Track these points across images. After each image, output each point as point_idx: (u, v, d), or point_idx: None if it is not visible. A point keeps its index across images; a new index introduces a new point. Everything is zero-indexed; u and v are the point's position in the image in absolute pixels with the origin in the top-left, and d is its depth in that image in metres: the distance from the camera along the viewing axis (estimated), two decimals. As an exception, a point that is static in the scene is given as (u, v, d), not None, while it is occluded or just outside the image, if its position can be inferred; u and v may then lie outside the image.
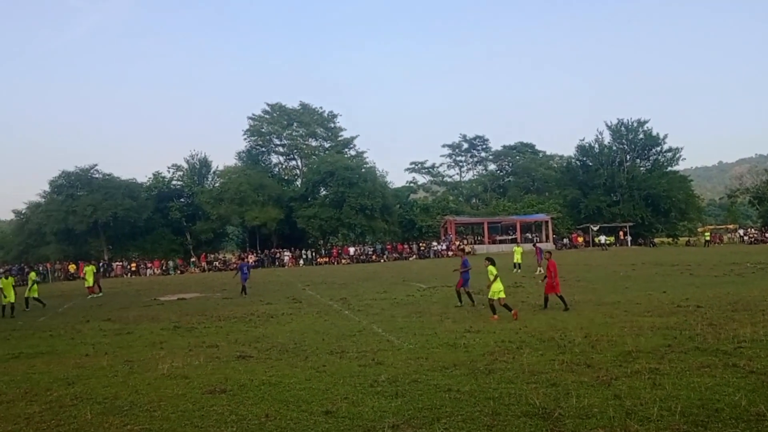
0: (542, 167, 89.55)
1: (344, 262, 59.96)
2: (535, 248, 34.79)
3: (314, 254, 63.13)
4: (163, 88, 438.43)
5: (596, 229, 65.29)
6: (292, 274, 43.57)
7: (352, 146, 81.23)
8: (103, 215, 58.64)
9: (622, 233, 66.93)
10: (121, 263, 59.08)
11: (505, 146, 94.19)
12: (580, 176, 73.80)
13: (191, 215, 69.57)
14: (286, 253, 61.79)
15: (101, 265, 46.95)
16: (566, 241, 66.31)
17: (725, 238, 69.36)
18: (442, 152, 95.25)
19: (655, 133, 72.68)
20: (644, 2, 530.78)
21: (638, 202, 69.06)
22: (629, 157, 73.85)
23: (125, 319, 18.61)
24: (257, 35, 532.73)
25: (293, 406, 7.39)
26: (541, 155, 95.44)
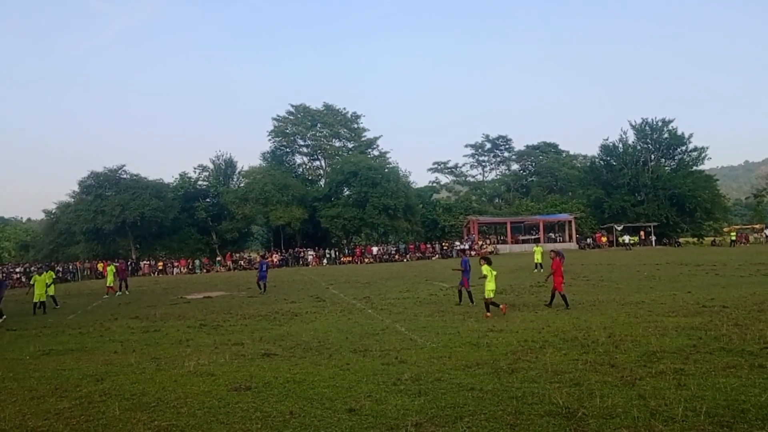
0: (565, 167, 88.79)
1: (367, 261, 60.03)
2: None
3: (338, 253, 63.33)
4: (188, 90, 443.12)
5: (620, 228, 64.60)
6: (315, 273, 43.75)
7: (375, 146, 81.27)
8: (130, 215, 59.39)
9: (643, 233, 66.09)
10: (148, 262, 59.81)
11: (528, 146, 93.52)
12: (603, 176, 73.09)
13: (217, 215, 70.14)
14: (309, 252, 62.08)
15: (129, 264, 47.48)
16: (589, 240, 65.71)
17: (751, 238, 68.16)
18: (464, 152, 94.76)
19: (680, 132, 71.81)
20: (670, 2, 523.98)
21: (663, 201, 68.21)
22: (654, 156, 72.94)
23: (152, 317, 18.84)
24: (282, 38, 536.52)
25: (317, 403, 7.44)
26: (564, 155, 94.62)
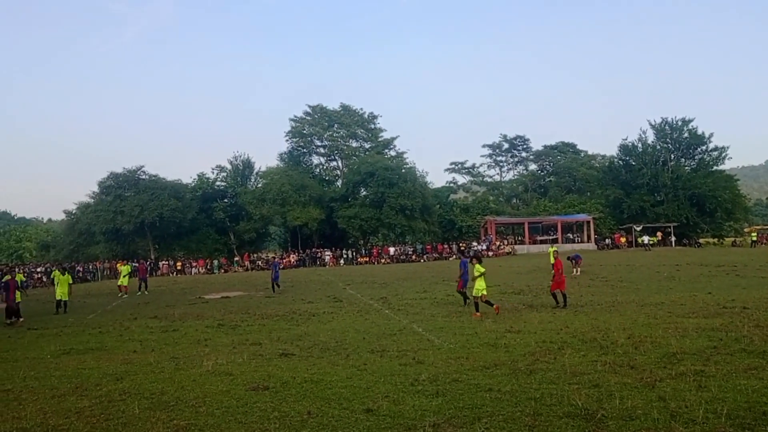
0: (584, 167, 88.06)
1: (384, 261, 59.94)
2: (571, 261, 32.17)
3: (355, 254, 63.32)
4: (206, 91, 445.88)
5: (639, 229, 64.04)
6: (332, 273, 43.83)
7: (392, 147, 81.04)
8: (149, 215, 59.79)
9: (660, 234, 65.43)
10: (166, 262, 60.19)
11: (546, 146, 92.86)
12: (622, 176, 72.41)
13: (235, 215, 70.42)
14: (327, 252, 62.12)
15: (148, 263, 47.82)
16: (608, 241, 65.19)
17: (772, 238, 67.30)
18: (482, 152, 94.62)
19: (700, 132, 71.00)
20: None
21: (683, 202, 67.49)
22: (673, 156, 72.17)
23: (171, 316, 19.01)
24: (299, 39, 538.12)
25: (335, 403, 7.47)
26: (582, 155, 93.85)
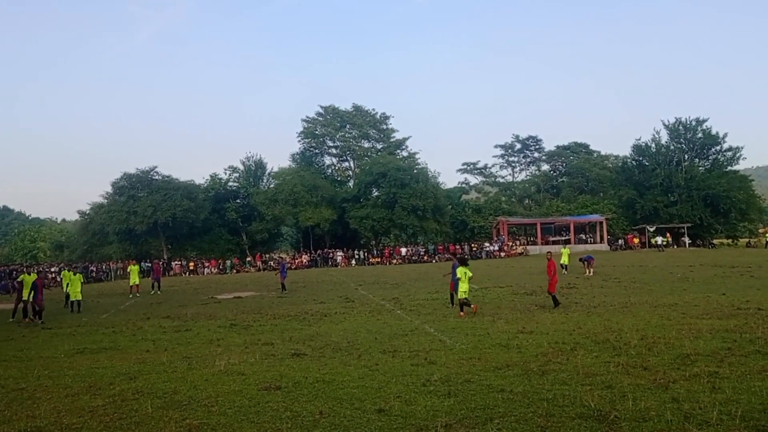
0: (597, 167, 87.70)
1: (396, 262, 59.94)
2: (584, 262, 32.37)
3: (366, 254, 63.32)
4: (218, 92, 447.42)
5: (652, 229, 63.65)
6: (344, 273, 43.91)
7: (404, 147, 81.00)
8: (162, 216, 60.04)
9: (669, 234, 64.99)
10: (179, 262, 60.43)
11: (558, 146, 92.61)
12: (636, 176, 71.99)
13: (247, 216, 70.65)
14: (338, 253, 62.18)
15: (162, 263, 48.09)
16: (621, 242, 64.85)
17: (788, 239, 66.63)
18: (494, 153, 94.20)
19: (714, 132, 70.48)
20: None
21: (697, 202, 67.02)
22: (687, 156, 71.64)
23: (184, 316, 19.10)
24: (312, 40, 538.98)
25: (347, 403, 7.47)
26: (595, 155, 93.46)
